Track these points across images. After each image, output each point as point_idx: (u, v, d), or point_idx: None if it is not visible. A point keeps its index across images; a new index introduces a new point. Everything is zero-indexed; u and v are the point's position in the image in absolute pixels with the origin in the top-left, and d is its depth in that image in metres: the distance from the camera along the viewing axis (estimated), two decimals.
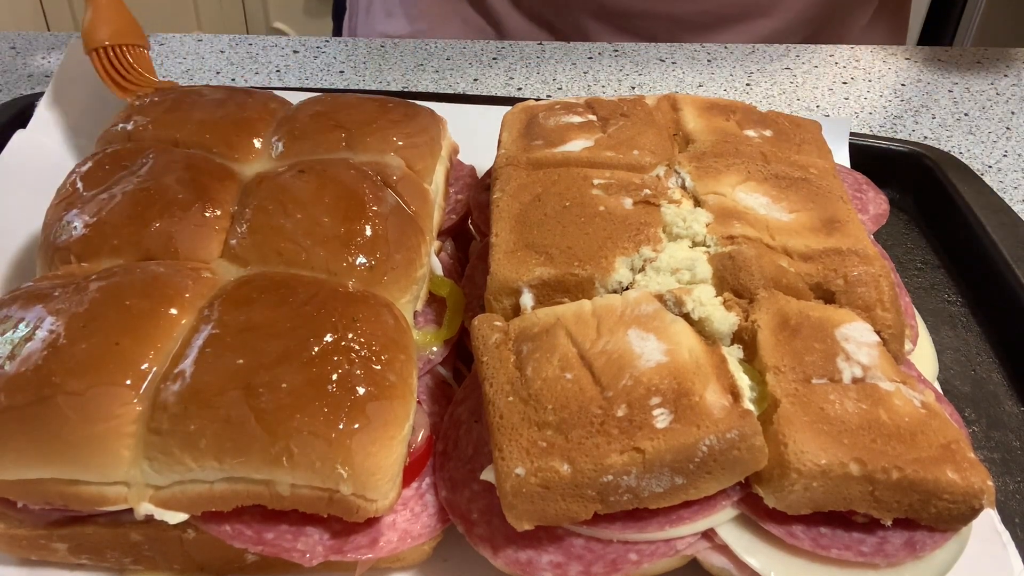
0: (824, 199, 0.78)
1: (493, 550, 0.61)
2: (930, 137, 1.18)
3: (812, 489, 0.58)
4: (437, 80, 1.30)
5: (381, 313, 0.67)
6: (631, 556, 0.61)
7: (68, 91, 1.01)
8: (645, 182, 0.78)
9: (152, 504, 0.60)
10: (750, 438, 0.58)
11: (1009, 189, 1.09)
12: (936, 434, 0.60)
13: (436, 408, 0.72)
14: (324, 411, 0.59)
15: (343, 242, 0.72)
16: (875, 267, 0.70)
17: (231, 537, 0.62)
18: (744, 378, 0.64)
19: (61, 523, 0.64)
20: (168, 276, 0.68)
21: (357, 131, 0.84)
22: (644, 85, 1.31)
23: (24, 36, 1.37)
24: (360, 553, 0.62)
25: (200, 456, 0.59)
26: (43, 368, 0.60)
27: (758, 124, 0.88)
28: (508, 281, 0.71)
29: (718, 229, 0.73)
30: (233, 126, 0.85)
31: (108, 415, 0.59)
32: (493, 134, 0.90)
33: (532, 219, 0.75)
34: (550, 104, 0.91)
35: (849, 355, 0.64)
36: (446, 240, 0.88)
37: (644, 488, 0.58)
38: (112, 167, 0.78)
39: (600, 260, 0.70)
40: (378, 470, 0.60)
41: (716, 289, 0.70)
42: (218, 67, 1.31)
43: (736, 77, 1.33)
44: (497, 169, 0.83)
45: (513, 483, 0.57)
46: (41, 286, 0.68)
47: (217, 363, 0.61)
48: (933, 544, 0.61)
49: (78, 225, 0.73)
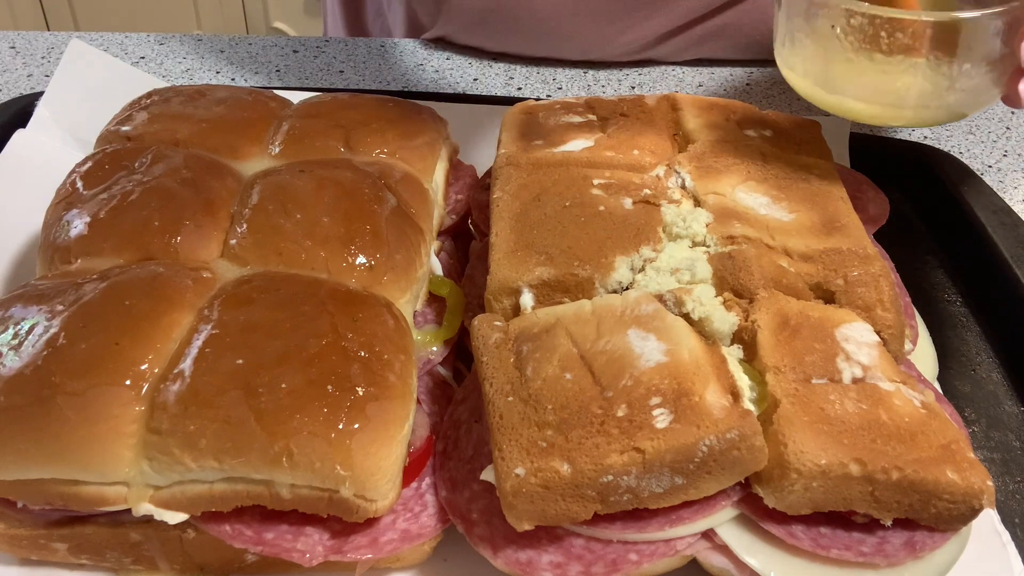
0: (824, 199, 0.78)
1: (493, 550, 0.61)
2: (930, 137, 1.18)
3: (812, 489, 0.58)
4: (437, 80, 1.30)
5: (381, 313, 0.67)
6: (631, 556, 0.61)
7: (68, 91, 1.01)
8: (645, 182, 0.79)
9: (152, 504, 0.60)
10: (750, 438, 0.58)
11: (1009, 189, 1.09)
12: (936, 434, 0.60)
13: (436, 408, 0.72)
14: (324, 411, 0.59)
15: (343, 242, 0.72)
16: (875, 267, 0.70)
17: (231, 537, 0.62)
18: (744, 378, 0.64)
19: (61, 523, 0.64)
20: (168, 276, 0.68)
21: (357, 131, 0.84)
22: (644, 85, 1.30)
23: (24, 36, 1.37)
24: (360, 553, 0.62)
25: (200, 456, 0.59)
26: (43, 368, 0.60)
27: (758, 124, 0.88)
28: (508, 281, 0.71)
29: (718, 229, 0.73)
30: (233, 126, 0.85)
31: (108, 415, 0.59)
32: (493, 134, 0.90)
33: (532, 219, 0.75)
34: (550, 104, 0.91)
35: (849, 355, 0.64)
36: (446, 240, 0.88)
37: (644, 488, 0.58)
38: (112, 167, 0.78)
39: (600, 260, 0.71)
40: (378, 470, 0.60)
41: (716, 289, 0.70)
42: (218, 67, 1.31)
43: (736, 77, 1.32)
44: (497, 169, 0.83)
45: (513, 483, 0.57)
46: (41, 286, 0.68)
47: (217, 363, 0.61)
48: (933, 544, 0.61)
49: (78, 225, 0.73)
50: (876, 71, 0.76)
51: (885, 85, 0.77)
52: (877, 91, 0.77)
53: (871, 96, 0.77)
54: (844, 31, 0.75)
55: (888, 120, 0.80)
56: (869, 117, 0.81)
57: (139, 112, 0.87)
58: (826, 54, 0.78)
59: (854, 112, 0.80)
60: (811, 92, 0.82)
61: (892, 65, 0.75)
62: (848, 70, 0.78)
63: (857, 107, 0.79)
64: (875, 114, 0.79)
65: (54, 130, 0.98)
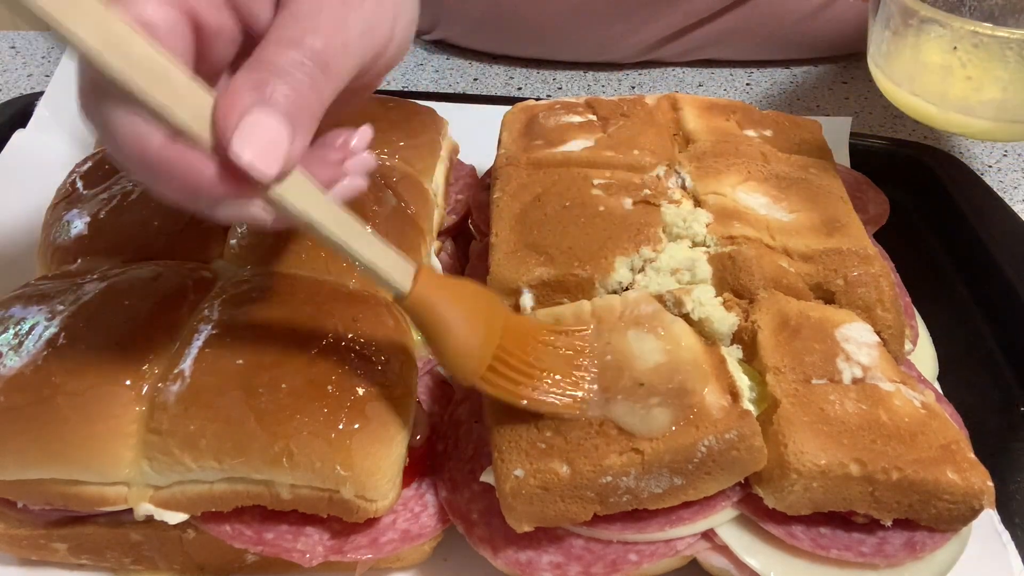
0: (824, 199, 0.78)
1: (493, 550, 0.61)
2: (930, 137, 1.18)
3: (812, 489, 0.58)
4: (437, 80, 1.30)
5: (381, 313, 0.67)
6: (631, 556, 0.61)
7: (68, 91, 1.01)
8: (645, 182, 0.78)
9: (152, 504, 0.61)
10: (749, 438, 0.58)
11: (1009, 189, 1.09)
12: (936, 434, 0.60)
13: (436, 408, 0.72)
14: (324, 411, 0.59)
15: None
16: (875, 267, 0.70)
17: (231, 537, 0.62)
18: (743, 378, 0.64)
19: (61, 523, 0.64)
20: (168, 276, 0.68)
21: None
22: (644, 85, 1.30)
23: (24, 36, 1.37)
24: (360, 553, 0.62)
25: (200, 456, 0.59)
26: (43, 368, 0.60)
27: (758, 124, 0.88)
28: (508, 281, 0.71)
29: (718, 229, 0.73)
30: None
31: (108, 415, 0.59)
32: (493, 134, 0.90)
33: (532, 219, 0.75)
34: (550, 104, 0.91)
35: (849, 355, 0.64)
36: (446, 240, 0.88)
37: (643, 489, 0.58)
38: (112, 167, 0.78)
39: (600, 260, 0.70)
40: (378, 470, 0.60)
41: (716, 289, 0.70)
42: None
43: (736, 77, 1.32)
44: (497, 169, 0.83)
45: (512, 485, 0.57)
46: (41, 286, 0.68)
47: (217, 363, 0.61)
48: (933, 544, 0.61)
49: (78, 225, 0.73)
50: (997, 89, 0.76)
51: (1004, 102, 0.76)
52: (995, 108, 0.77)
53: (990, 114, 0.77)
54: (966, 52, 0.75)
55: (1001, 135, 0.81)
56: (983, 133, 0.81)
57: None
58: (942, 72, 0.78)
59: (968, 128, 0.80)
60: (918, 107, 0.81)
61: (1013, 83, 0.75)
62: (967, 88, 0.77)
63: (973, 123, 0.79)
64: (990, 130, 0.79)
65: (54, 130, 0.98)
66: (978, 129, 0.80)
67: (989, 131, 0.79)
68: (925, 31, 0.77)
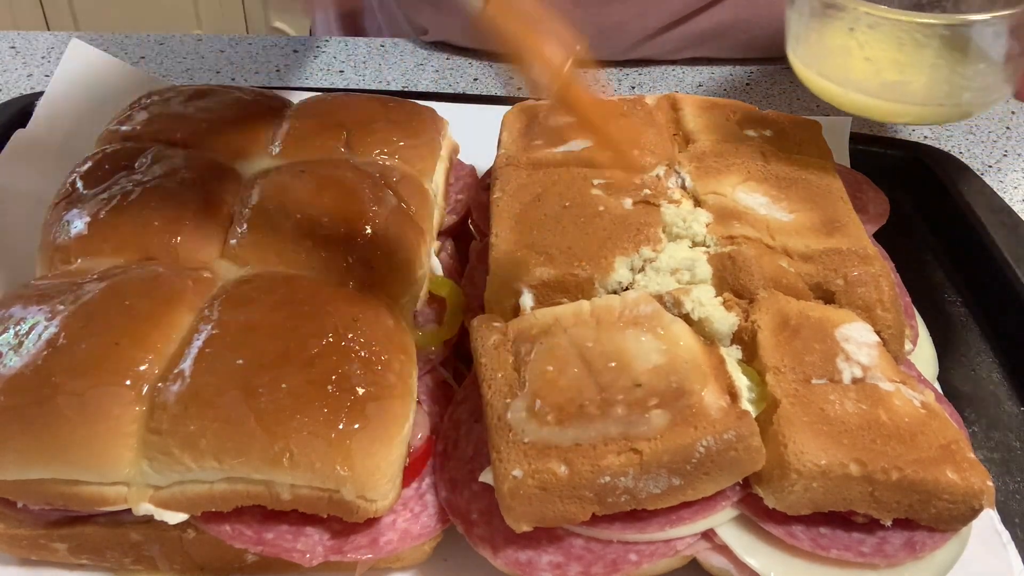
0: (824, 199, 0.78)
1: (493, 550, 0.61)
2: (930, 137, 1.18)
3: (812, 489, 0.58)
4: (437, 80, 1.30)
5: (381, 313, 0.67)
6: (631, 556, 0.61)
7: (68, 91, 1.01)
8: (645, 182, 0.78)
9: (152, 504, 0.61)
10: (747, 439, 0.58)
11: (1009, 189, 1.09)
12: (936, 434, 0.60)
13: (436, 408, 0.72)
14: (324, 411, 0.59)
15: (343, 242, 0.72)
16: (875, 267, 0.70)
17: (231, 537, 0.62)
18: (742, 379, 0.64)
19: (61, 523, 0.64)
20: (168, 276, 0.68)
21: (357, 131, 0.84)
22: (644, 85, 1.30)
23: (24, 36, 1.37)
24: (360, 553, 0.62)
25: (200, 456, 0.59)
26: (43, 368, 0.60)
27: (758, 124, 0.88)
28: (508, 281, 0.71)
29: (718, 229, 0.73)
30: (233, 126, 0.85)
31: (108, 415, 0.59)
32: (493, 134, 0.90)
33: (532, 219, 0.75)
34: (550, 104, 0.91)
35: (849, 355, 0.64)
36: (446, 240, 0.88)
37: (641, 489, 0.58)
38: (112, 167, 0.78)
39: (600, 260, 0.70)
40: (378, 470, 0.60)
41: (716, 289, 0.70)
42: (218, 67, 1.31)
43: (736, 77, 1.32)
44: (497, 169, 0.83)
45: (511, 485, 0.57)
46: (41, 286, 0.68)
47: (217, 363, 0.61)
48: (933, 544, 0.61)
49: (78, 225, 0.73)
50: (894, 71, 0.78)
51: (903, 84, 0.78)
52: (895, 90, 0.79)
53: (889, 95, 0.79)
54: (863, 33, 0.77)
55: (901, 117, 0.83)
56: (883, 114, 0.83)
57: (139, 112, 0.87)
58: (843, 54, 0.79)
59: (869, 109, 0.82)
60: (825, 89, 0.83)
61: (910, 65, 0.77)
62: (866, 69, 0.79)
63: (872, 104, 0.81)
64: (890, 111, 0.82)
65: (54, 130, 0.98)
66: (884, 111, 0.82)
67: (896, 113, 0.82)
68: (828, 14, 0.80)
